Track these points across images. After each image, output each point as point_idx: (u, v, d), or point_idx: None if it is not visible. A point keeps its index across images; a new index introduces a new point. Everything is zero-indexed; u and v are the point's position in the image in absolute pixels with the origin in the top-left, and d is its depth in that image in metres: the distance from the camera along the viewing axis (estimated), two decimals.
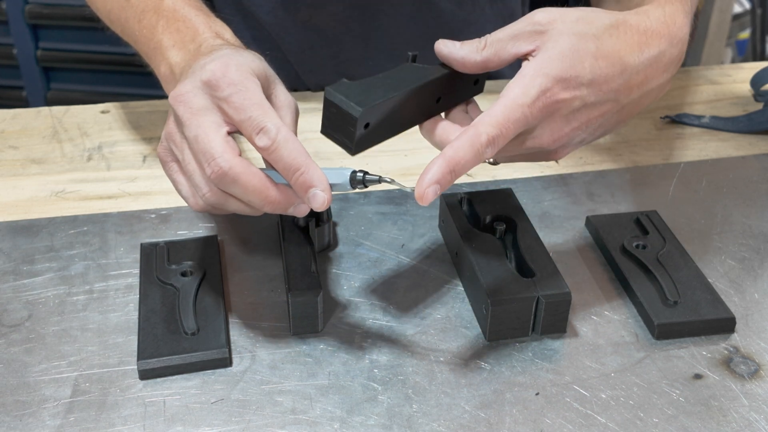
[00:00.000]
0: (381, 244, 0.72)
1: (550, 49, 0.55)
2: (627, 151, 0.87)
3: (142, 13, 0.71)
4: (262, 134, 0.54)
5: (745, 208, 0.78)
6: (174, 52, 0.65)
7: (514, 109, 0.54)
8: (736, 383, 0.59)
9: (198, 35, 0.65)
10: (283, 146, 0.54)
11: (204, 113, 0.56)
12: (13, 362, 0.59)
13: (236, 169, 0.54)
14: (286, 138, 0.54)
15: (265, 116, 0.55)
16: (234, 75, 0.56)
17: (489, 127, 0.53)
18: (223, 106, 0.56)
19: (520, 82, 0.54)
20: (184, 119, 0.56)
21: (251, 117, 0.55)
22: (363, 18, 0.93)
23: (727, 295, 0.67)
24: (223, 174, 0.54)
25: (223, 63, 0.57)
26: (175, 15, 0.68)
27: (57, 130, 0.89)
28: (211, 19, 0.68)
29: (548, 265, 0.63)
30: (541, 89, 0.54)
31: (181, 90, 0.57)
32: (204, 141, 0.55)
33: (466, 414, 0.56)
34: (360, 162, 0.83)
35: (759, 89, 0.97)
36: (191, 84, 0.57)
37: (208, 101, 0.56)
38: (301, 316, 0.61)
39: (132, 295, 0.66)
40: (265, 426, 0.55)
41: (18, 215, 0.75)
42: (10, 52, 1.98)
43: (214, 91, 0.56)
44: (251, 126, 0.55)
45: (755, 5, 2.33)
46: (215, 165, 0.54)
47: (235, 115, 0.55)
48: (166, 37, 0.67)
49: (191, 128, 0.56)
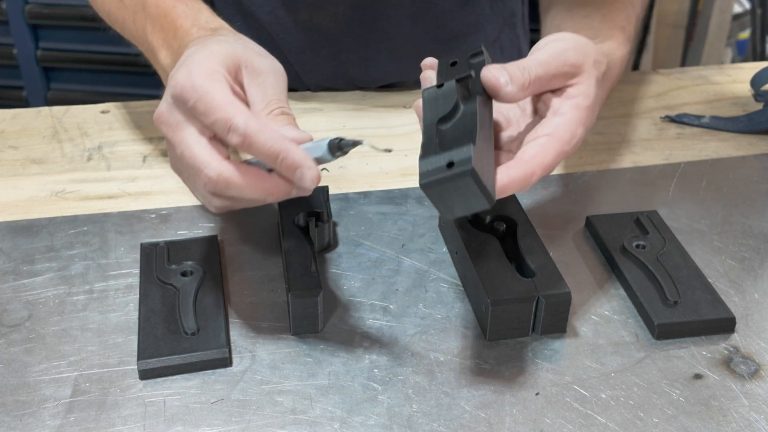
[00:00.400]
0: (381, 244, 0.72)
1: (579, 101, 0.59)
2: (627, 151, 0.87)
3: (134, 14, 0.71)
4: (231, 132, 0.54)
5: (745, 208, 0.78)
6: (163, 53, 0.66)
7: (563, 153, 0.58)
8: (736, 383, 0.59)
9: (178, 30, 0.65)
10: (255, 138, 0.54)
11: (182, 128, 0.57)
12: (13, 362, 0.59)
13: (225, 174, 0.55)
14: (256, 129, 0.54)
15: (230, 114, 0.54)
16: (196, 80, 0.56)
17: (541, 170, 0.56)
18: (195, 115, 0.56)
19: (567, 128, 0.58)
20: (169, 138, 0.58)
21: (217, 119, 0.55)
22: (363, 18, 0.93)
23: (727, 295, 0.67)
24: (213, 182, 0.55)
25: (186, 71, 0.56)
26: (158, 10, 0.68)
27: (57, 130, 0.89)
28: (189, 5, 0.68)
29: (548, 265, 0.63)
30: (579, 139, 0.59)
31: (158, 111, 0.58)
32: (188, 156, 0.56)
33: (466, 414, 0.56)
34: (360, 162, 0.84)
35: (759, 89, 0.97)
36: (165, 102, 0.58)
37: (182, 115, 0.57)
38: (301, 316, 0.61)
39: (132, 295, 0.66)
40: (265, 426, 0.55)
41: (18, 215, 0.75)
42: (10, 52, 1.98)
43: (184, 103, 0.56)
44: (220, 128, 0.55)
45: (755, 5, 2.32)
46: (204, 176, 0.55)
47: (205, 120, 0.55)
48: (154, 38, 0.67)
49: (176, 146, 0.57)
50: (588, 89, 0.60)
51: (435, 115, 0.56)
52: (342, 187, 0.80)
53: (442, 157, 0.52)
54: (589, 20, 0.72)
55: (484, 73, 0.57)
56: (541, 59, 0.59)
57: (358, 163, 0.84)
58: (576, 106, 0.59)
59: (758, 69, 0.98)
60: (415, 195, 0.79)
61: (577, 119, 0.59)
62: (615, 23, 0.71)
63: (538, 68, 0.58)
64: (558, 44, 0.61)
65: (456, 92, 0.57)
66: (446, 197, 0.52)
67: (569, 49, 0.60)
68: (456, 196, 0.52)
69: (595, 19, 0.72)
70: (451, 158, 0.51)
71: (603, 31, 0.70)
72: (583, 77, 0.60)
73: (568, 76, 0.60)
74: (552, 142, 0.57)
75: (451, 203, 0.52)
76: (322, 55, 0.96)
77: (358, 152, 0.65)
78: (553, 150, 0.57)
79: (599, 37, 0.69)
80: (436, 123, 0.56)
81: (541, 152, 0.57)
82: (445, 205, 0.53)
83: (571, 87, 0.60)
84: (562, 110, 0.59)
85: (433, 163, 0.52)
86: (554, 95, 0.60)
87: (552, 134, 0.57)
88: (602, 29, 0.70)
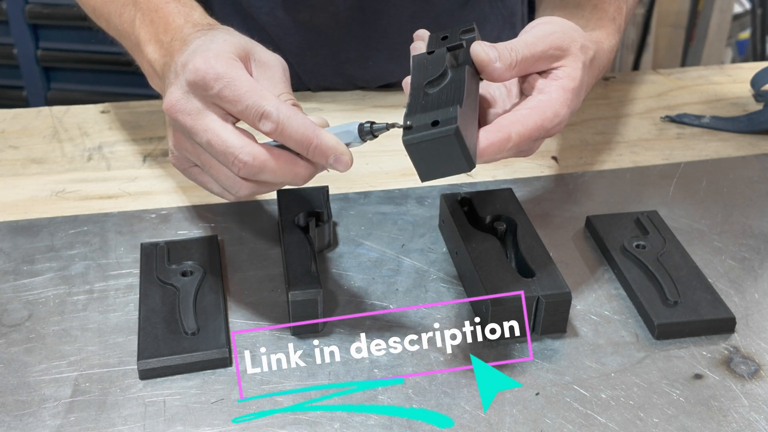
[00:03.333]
0: (381, 244, 0.72)
1: (564, 83, 0.60)
2: (627, 151, 0.87)
3: (122, 7, 0.70)
4: (264, 120, 0.55)
5: (745, 208, 0.78)
6: (151, 47, 0.65)
7: (542, 128, 0.58)
8: (736, 383, 0.59)
9: (169, 25, 0.65)
10: (288, 125, 0.54)
11: (203, 115, 0.56)
12: (13, 362, 0.59)
13: (260, 158, 0.55)
14: (288, 116, 0.55)
15: (261, 100, 0.55)
16: (219, 67, 0.55)
17: (518, 137, 0.56)
18: (217, 103, 0.56)
19: (550, 105, 0.58)
20: (189, 127, 0.56)
21: (248, 106, 0.55)
22: (363, 18, 0.93)
23: (727, 295, 0.67)
24: (249, 166, 0.55)
25: (203, 58, 0.56)
26: (149, 5, 0.68)
27: (57, 130, 0.89)
28: (181, 3, 0.68)
29: (548, 265, 0.63)
30: (562, 119, 0.59)
31: (172, 99, 0.57)
32: (217, 142, 0.55)
33: (466, 414, 0.56)
34: (360, 162, 0.83)
35: (759, 89, 0.97)
36: (179, 90, 0.57)
37: (202, 102, 0.56)
38: (301, 316, 0.61)
39: (132, 295, 0.66)
40: (265, 426, 0.55)
41: (18, 215, 0.75)
42: (11, 52, 1.98)
43: (204, 90, 0.56)
44: (251, 114, 0.55)
45: (755, 5, 2.32)
46: (239, 162, 0.55)
47: (232, 108, 0.55)
48: (143, 31, 0.67)
49: (199, 134, 0.56)
50: (574, 72, 0.60)
51: (423, 78, 0.57)
52: (342, 187, 0.80)
53: (427, 116, 0.52)
54: (581, 10, 0.72)
55: (474, 47, 0.58)
56: (528, 41, 0.59)
57: (358, 163, 0.83)
58: (561, 87, 0.59)
59: (758, 69, 0.98)
60: (415, 195, 0.79)
61: (562, 100, 0.59)
62: (606, 14, 0.72)
63: (525, 49, 0.59)
64: (545, 27, 0.61)
65: (446, 60, 0.57)
66: (427, 156, 0.52)
67: (556, 32, 0.61)
68: (437, 156, 0.52)
69: (586, 8, 0.72)
70: (437, 117, 0.52)
71: (593, 21, 0.70)
72: (570, 60, 0.61)
73: (554, 58, 0.60)
74: (532, 114, 0.57)
75: (432, 163, 0.52)
76: (322, 55, 0.96)
77: (359, 153, 0.65)
78: (532, 121, 0.57)
79: (589, 26, 0.70)
80: (423, 86, 0.56)
81: (521, 120, 0.57)
82: (426, 165, 0.53)
83: (557, 69, 0.60)
84: (547, 90, 0.59)
85: (417, 120, 0.52)
86: (540, 76, 0.60)
87: (534, 107, 0.58)
88: (592, 19, 0.71)
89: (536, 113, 0.58)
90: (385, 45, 0.95)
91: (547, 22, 0.62)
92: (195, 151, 0.58)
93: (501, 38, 1.02)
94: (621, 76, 1.03)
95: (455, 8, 0.95)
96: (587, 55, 0.63)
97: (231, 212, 0.75)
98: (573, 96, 0.60)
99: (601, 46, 0.68)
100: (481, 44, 0.58)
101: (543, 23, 0.62)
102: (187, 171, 0.61)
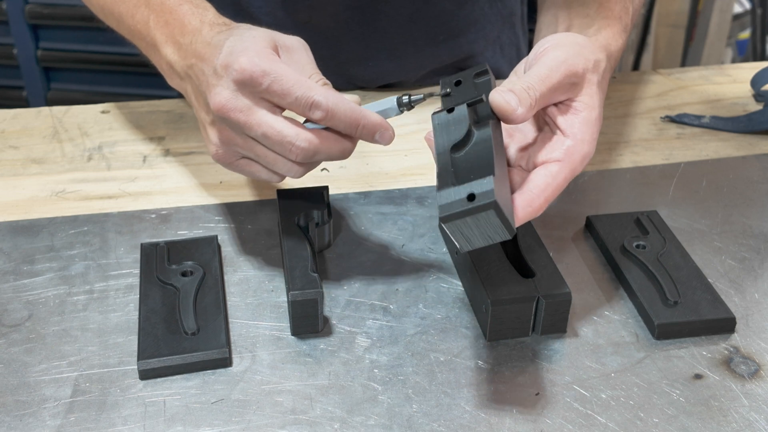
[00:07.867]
0: (381, 244, 0.72)
1: (586, 116, 0.60)
2: (627, 151, 0.87)
3: (134, 8, 0.71)
4: (314, 109, 0.59)
5: (745, 208, 0.78)
6: (169, 49, 0.67)
7: (574, 173, 0.59)
8: (736, 383, 0.59)
9: (185, 27, 0.66)
10: (336, 111, 0.59)
11: (255, 110, 0.59)
12: (13, 362, 0.59)
13: (315, 141, 0.59)
14: (335, 102, 0.59)
15: (309, 91, 0.58)
16: (264, 65, 0.58)
17: (554, 196, 0.57)
18: (266, 97, 0.59)
19: (579, 149, 0.58)
20: (242, 123, 0.59)
21: (297, 97, 0.58)
22: (363, 18, 0.93)
23: (727, 295, 0.67)
24: (306, 150, 0.59)
25: (247, 57, 0.58)
26: (163, 7, 0.69)
27: (57, 130, 0.89)
28: (194, 4, 0.69)
29: (548, 265, 0.63)
30: (589, 155, 0.60)
31: (222, 99, 0.59)
32: (273, 134, 0.59)
33: (466, 414, 0.56)
34: (360, 162, 0.84)
35: (759, 89, 0.97)
36: (226, 89, 0.59)
37: (251, 98, 0.59)
38: (301, 316, 0.61)
39: (132, 295, 0.66)
40: (265, 426, 0.55)
41: (18, 215, 0.75)
42: (11, 52, 1.98)
43: (253, 87, 0.59)
44: (301, 105, 0.59)
45: (755, 5, 2.32)
46: (297, 148, 0.59)
47: (282, 101, 0.59)
48: (158, 32, 0.68)
49: (254, 128, 0.59)
50: (592, 100, 0.60)
51: (448, 141, 0.56)
52: (342, 187, 0.80)
53: (461, 189, 0.51)
54: (585, 8, 0.72)
55: (494, 98, 0.57)
56: (542, 75, 0.58)
57: (358, 163, 0.84)
58: (584, 122, 0.59)
59: (758, 69, 0.98)
60: (415, 195, 0.79)
61: (588, 138, 0.59)
62: (612, 12, 0.71)
63: (541, 85, 0.58)
64: (556, 54, 0.60)
65: (468, 117, 0.56)
66: (466, 230, 0.51)
67: (569, 58, 0.59)
68: (477, 228, 0.51)
69: (591, 7, 0.72)
70: (472, 190, 0.50)
71: (598, 20, 0.70)
72: (586, 87, 0.60)
73: (570, 86, 0.60)
74: (563, 169, 0.58)
75: (471, 235, 0.52)
76: (322, 55, 0.95)
77: (359, 152, 0.65)
78: (563, 177, 0.58)
79: (595, 26, 0.69)
80: (449, 150, 0.55)
81: (553, 182, 0.57)
82: (465, 238, 0.52)
83: (575, 101, 0.60)
84: (571, 131, 0.59)
85: (452, 195, 0.51)
86: (559, 113, 0.60)
87: (563, 160, 0.58)
88: (597, 18, 0.70)
89: (566, 166, 0.58)
90: (385, 44, 0.95)
91: (556, 47, 0.61)
92: (247, 145, 0.61)
93: (501, 38, 1.03)
94: (621, 76, 1.03)
95: (454, 8, 0.95)
96: (599, 70, 0.62)
97: (231, 212, 0.75)
98: (596, 127, 0.60)
99: (609, 50, 0.67)
100: (499, 93, 0.57)
101: (552, 48, 0.61)
102: (233, 164, 0.64)
